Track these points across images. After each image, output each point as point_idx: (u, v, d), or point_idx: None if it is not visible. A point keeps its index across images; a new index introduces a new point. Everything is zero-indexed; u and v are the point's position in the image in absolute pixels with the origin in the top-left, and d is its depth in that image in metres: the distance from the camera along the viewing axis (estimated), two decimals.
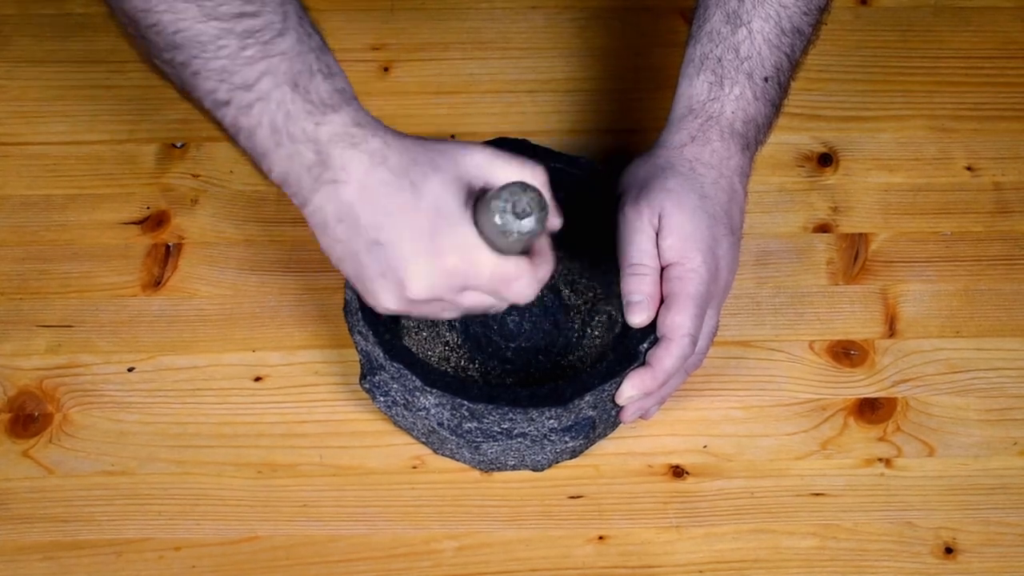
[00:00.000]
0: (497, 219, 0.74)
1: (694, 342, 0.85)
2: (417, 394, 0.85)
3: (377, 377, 0.87)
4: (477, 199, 0.76)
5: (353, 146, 0.76)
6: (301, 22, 0.77)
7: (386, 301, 0.78)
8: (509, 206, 0.74)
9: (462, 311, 0.80)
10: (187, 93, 0.78)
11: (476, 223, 0.76)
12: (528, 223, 0.74)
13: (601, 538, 0.88)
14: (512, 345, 0.93)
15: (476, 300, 0.79)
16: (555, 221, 0.80)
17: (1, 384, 0.93)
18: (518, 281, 0.77)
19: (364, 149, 0.76)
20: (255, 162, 0.79)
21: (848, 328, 0.96)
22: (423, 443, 0.90)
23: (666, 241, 0.85)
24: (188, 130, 1.06)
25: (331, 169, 0.76)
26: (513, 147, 0.90)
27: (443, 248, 0.75)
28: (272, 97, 0.76)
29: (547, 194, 0.78)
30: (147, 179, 1.03)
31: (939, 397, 0.93)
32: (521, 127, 1.06)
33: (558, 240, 0.82)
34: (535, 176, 0.78)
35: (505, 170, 0.77)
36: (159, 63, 0.78)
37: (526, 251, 0.78)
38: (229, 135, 0.79)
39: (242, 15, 0.75)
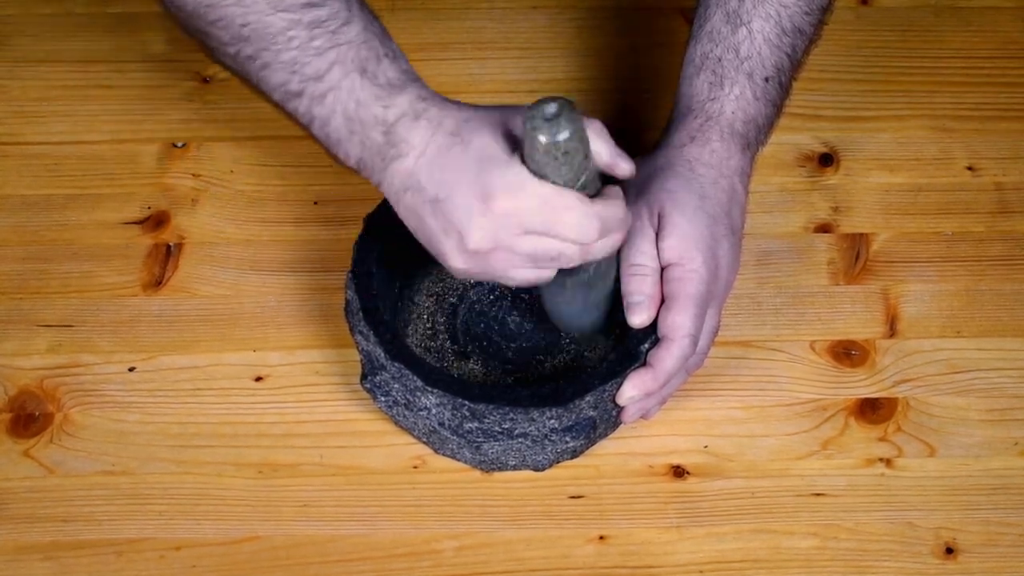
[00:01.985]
0: (530, 132, 0.73)
1: (695, 342, 0.85)
2: (418, 394, 0.85)
3: (378, 377, 0.87)
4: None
5: (415, 119, 0.77)
6: (363, 9, 0.79)
7: (454, 260, 0.78)
8: (538, 113, 0.73)
9: (530, 263, 0.78)
10: (254, 85, 0.79)
11: (527, 165, 0.75)
12: (558, 124, 0.72)
13: (602, 538, 0.88)
14: (513, 345, 0.93)
15: (538, 245, 0.77)
16: (623, 164, 0.79)
17: (1, 384, 0.93)
18: (569, 212, 0.76)
19: (424, 118, 0.77)
20: (330, 150, 0.81)
21: (849, 328, 0.96)
22: (424, 443, 0.90)
23: (666, 241, 0.85)
24: (189, 130, 1.06)
25: (396, 146, 0.78)
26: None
27: (492, 191, 0.75)
28: (343, 86, 0.77)
29: (609, 141, 0.77)
30: (147, 179, 1.03)
31: (940, 397, 0.93)
32: None
33: None
34: (590, 122, 0.77)
35: None
36: (223, 57, 0.79)
37: (585, 185, 0.77)
38: (301, 124, 0.80)
39: (309, 5, 0.76)
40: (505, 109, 0.78)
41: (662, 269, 0.86)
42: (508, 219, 0.76)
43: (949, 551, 0.87)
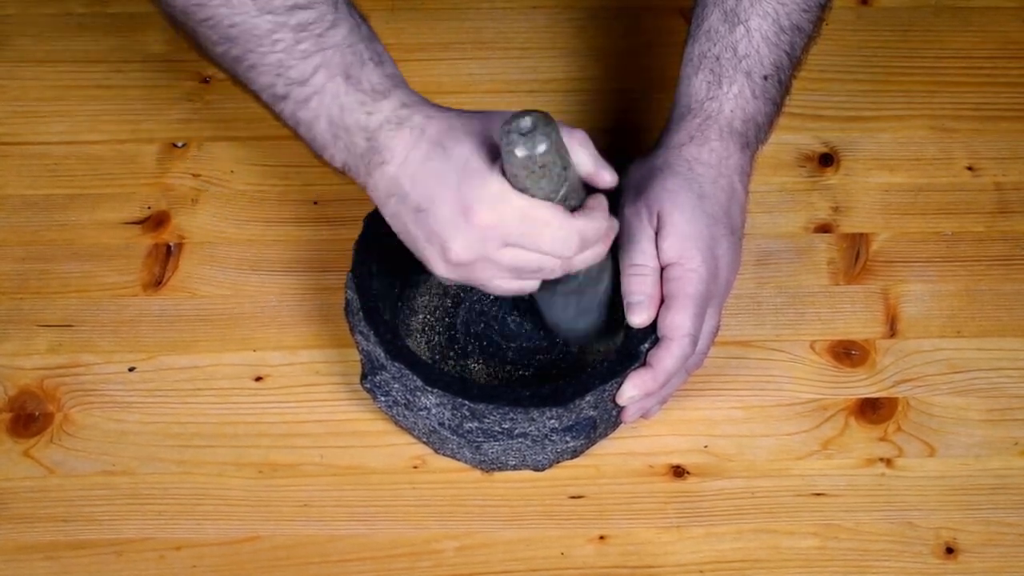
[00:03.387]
0: (507, 147, 0.73)
1: (694, 342, 0.85)
2: (418, 394, 0.85)
3: (378, 377, 0.87)
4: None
5: (398, 126, 0.77)
6: (351, 12, 0.79)
7: (437, 267, 0.79)
8: (514, 127, 0.73)
9: (512, 275, 0.79)
10: (242, 85, 0.80)
11: (506, 176, 0.75)
12: (533, 139, 0.73)
13: (602, 538, 0.88)
14: (513, 345, 0.93)
15: (518, 257, 0.77)
16: (605, 175, 0.79)
17: (2, 384, 0.93)
18: (549, 226, 0.76)
19: (407, 126, 0.77)
20: (317, 153, 0.81)
21: (849, 328, 0.96)
22: (424, 443, 0.90)
23: (665, 241, 0.85)
24: (189, 130, 1.06)
25: (379, 152, 0.78)
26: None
27: (472, 203, 0.75)
28: (327, 90, 0.77)
29: (593, 151, 0.78)
30: (148, 179, 1.03)
31: (940, 397, 0.93)
32: None
33: None
34: (571, 132, 0.78)
35: None
36: (213, 57, 0.79)
37: (566, 198, 0.77)
38: (288, 127, 0.81)
39: (296, 7, 0.76)
40: (488, 116, 0.78)
41: (662, 269, 0.86)
42: (488, 232, 0.76)
43: (949, 551, 0.87)
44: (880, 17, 1.14)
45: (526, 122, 0.73)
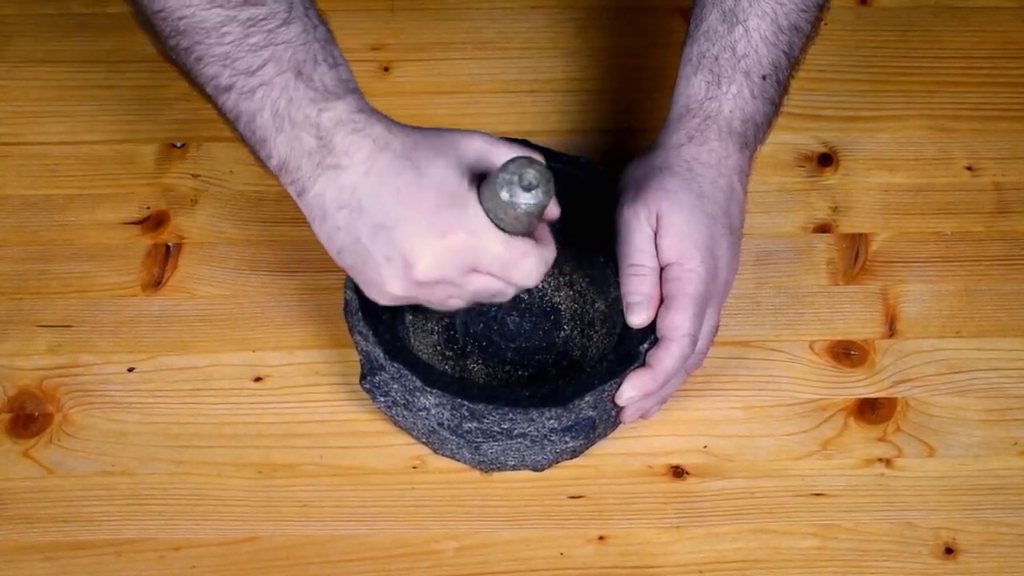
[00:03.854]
0: (504, 193, 0.74)
1: (694, 342, 0.85)
2: (417, 394, 0.85)
3: (377, 377, 0.87)
4: (481, 182, 0.76)
5: (356, 131, 0.76)
6: (307, 12, 0.78)
7: (392, 287, 0.78)
8: (516, 178, 0.74)
9: (469, 297, 0.80)
10: (192, 80, 0.79)
11: (482, 204, 0.76)
12: (536, 195, 0.74)
13: (601, 538, 0.88)
14: (512, 345, 0.93)
15: (484, 284, 0.78)
16: (554, 210, 0.81)
17: (1, 384, 0.93)
18: (526, 259, 0.77)
19: (367, 134, 0.77)
20: (254, 150, 0.79)
21: (848, 328, 0.96)
22: (423, 443, 0.90)
23: (664, 241, 0.85)
24: (188, 130, 1.06)
25: (333, 154, 0.76)
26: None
27: (450, 225, 0.75)
28: (275, 83, 0.76)
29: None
30: (147, 179, 1.03)
31: (939, 397, 0.93)
32: (521, 127, 1.06)
33: (559, 239, 0.82)
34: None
35: (506, 153, 0.78)
36: (167, 51, 0.79)
37: (530, 234, 0.78)
38: (229, 121, 0.79)
39: (246, 3, 0.76)
40: (451, 135, 0.79)
41: (661, 269, 0.86)
42: (462, 255, 0.76)
43: (949, 551, 0.87)
44: (879, 17, 1.14)
45: (531, 177, 0.74)
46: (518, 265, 0.77)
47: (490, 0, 1.14)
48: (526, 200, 0.74)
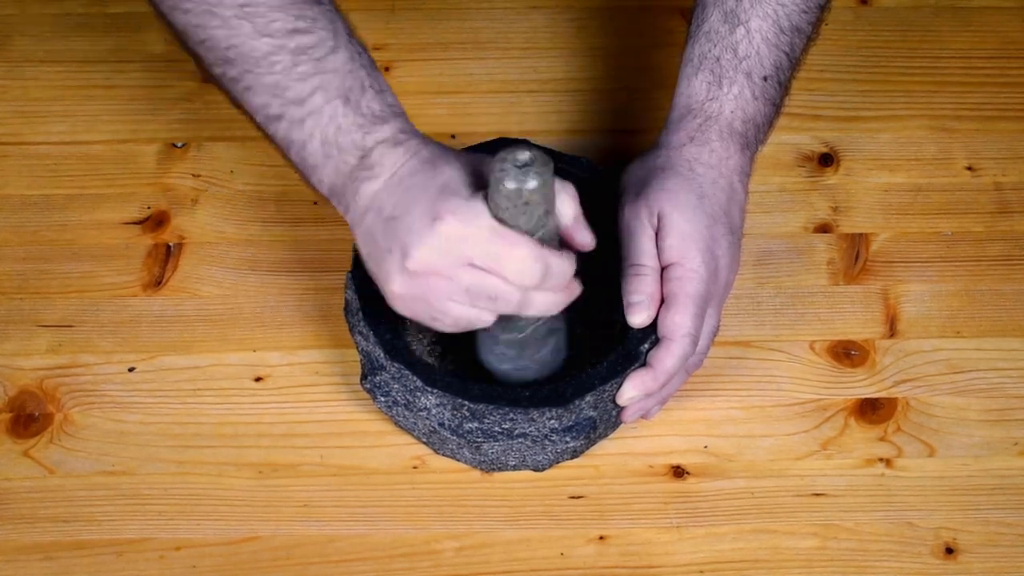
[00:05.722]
0: (498, 171, 0.73)
1: (695, 342, 0.85)
2: (418, 394, 0.85)
3: (378, 377, 0.87)
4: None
5: (394, 146, 0.78)
6: (351, 40, 0.79)
7: (392, 282, 0.78)
8: (509, 158, 0.74)
9: (467, 298, 0.78)
10: (239, 107, 0.79)
11: (490, 210, 0.75)
12: (530, 174, 0.73)
13: (601, 538, 0.88)
14: None
15: (476, 278, 0.77)
16: (585, 236, 0.80)
17: (1, 384, 0.93)
18: (516, 249, 0.76)
19: (403, 146, 0.78)
20: (305, 176, 0.81)
21: (848, 328, 0.96)
22: (424, 443, 0.90)
23: (665, 241, 0.85)
24: (189, 130, 1.06)
25: (369, 168, 0.77)
26: (513, 147, 0.90)
27: (444, 212, 0.75)
28: (324, 111, 0.77)
29: (577, 207, 0.79)
30: (147, 179, 1.03)
31: (939, 397, 0.93)
32: (521, 127, 1.06)
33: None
34: (563, 183, 0.78)
35: None
36: (213, 78, 0.79)
37: (543, 239, 0.77)
38: (280, 149, 0.80)
39: (295, 31, 0.76)
40: (481, 155, 0.80)
41: (662, 269, 0.86)
42: (453, 244, 0.75)
43: (949, 551, 0.87)
44: (880, 17, 1.14)
45: (524, 155, 0.74)
46: (508, 254, 0.76)
47: (490, 0, 1.14)
48: (518, 179, 0.73)
